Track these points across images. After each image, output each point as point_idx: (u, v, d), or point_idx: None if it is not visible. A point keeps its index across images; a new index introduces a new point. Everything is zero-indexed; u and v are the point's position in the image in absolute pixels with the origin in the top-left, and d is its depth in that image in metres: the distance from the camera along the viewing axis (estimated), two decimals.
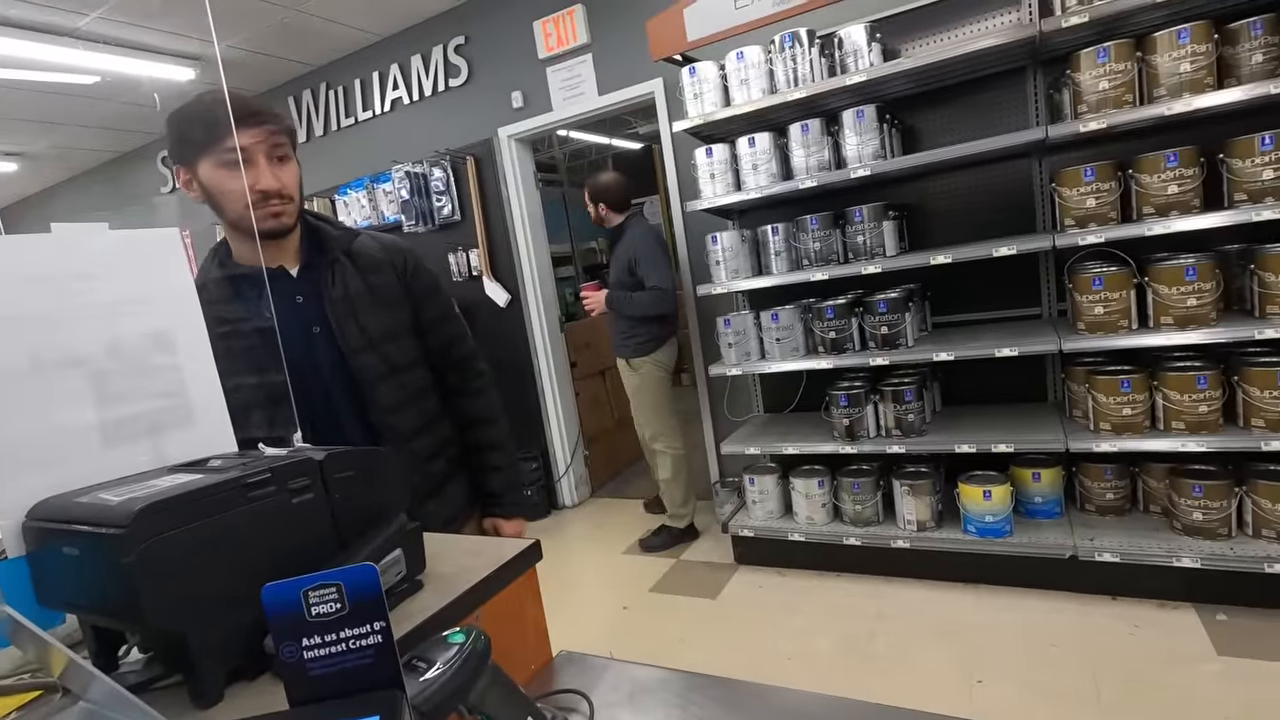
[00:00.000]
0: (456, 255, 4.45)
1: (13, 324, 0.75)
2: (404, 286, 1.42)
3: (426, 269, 1.49)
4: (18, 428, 0.74)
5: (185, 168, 1.22)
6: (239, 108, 1.16)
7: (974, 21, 2.84)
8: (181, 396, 0.89)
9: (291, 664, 0.52)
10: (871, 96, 2.86)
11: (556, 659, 1.01)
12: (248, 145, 1.18)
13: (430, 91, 4.38)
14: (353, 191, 4.71)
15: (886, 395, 2.83)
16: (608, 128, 7.17)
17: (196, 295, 0.92)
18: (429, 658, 0.61)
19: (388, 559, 0.79)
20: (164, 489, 0.67)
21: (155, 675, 0.72)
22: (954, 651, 2.37)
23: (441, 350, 1.49)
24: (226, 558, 0.68)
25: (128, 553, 0.61)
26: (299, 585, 0.51)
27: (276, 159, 1.23)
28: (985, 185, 2.96)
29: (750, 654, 2.57)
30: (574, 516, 4.40)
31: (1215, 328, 2.26)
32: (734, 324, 3.06)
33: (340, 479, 0.79)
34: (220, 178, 1.19)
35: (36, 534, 0.69)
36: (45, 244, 0.80)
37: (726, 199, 3.00)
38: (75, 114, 4.89)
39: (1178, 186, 2.30)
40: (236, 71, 4.60)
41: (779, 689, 0.90)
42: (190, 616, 0.65)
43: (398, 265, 1.42)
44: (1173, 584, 2.41)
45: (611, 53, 3.74)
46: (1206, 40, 2.22)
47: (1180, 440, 2.33)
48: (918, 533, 2.81)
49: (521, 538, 1.45)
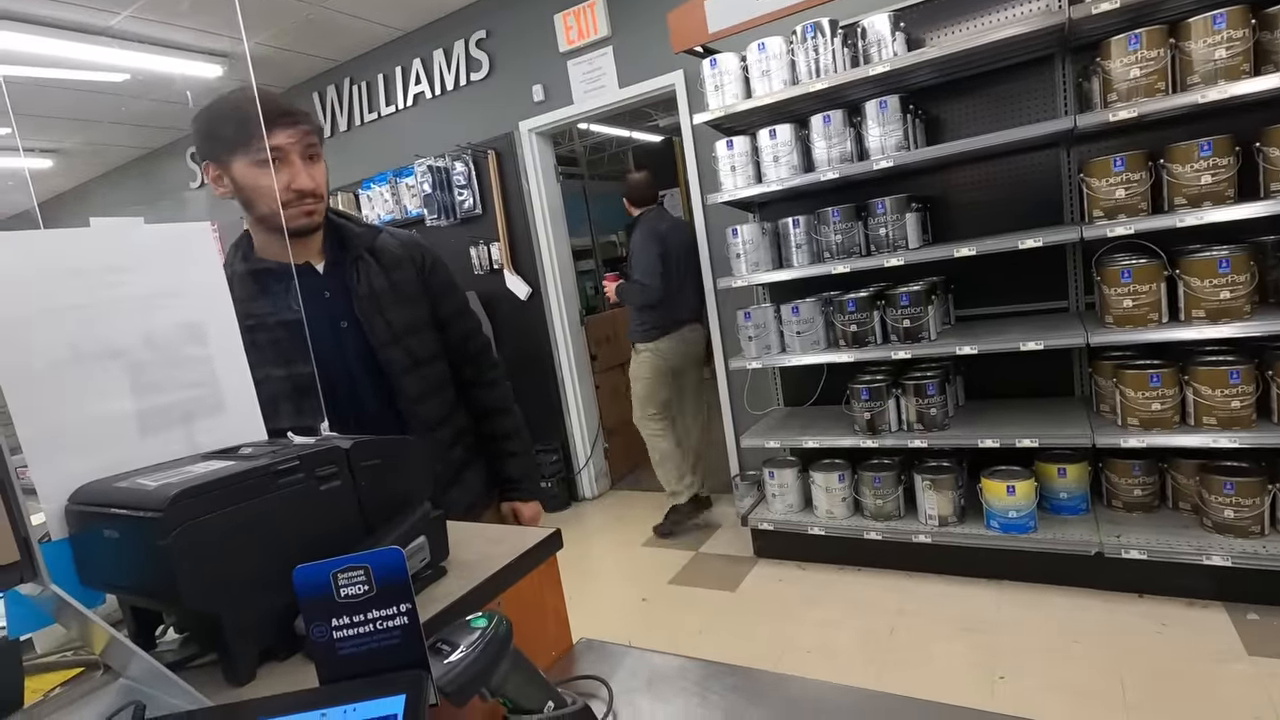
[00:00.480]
0: (478, 249, 4.49)
1: (54, 315, 0.78)
2: (423, 282, 1.45)
3: (444, 265, 1.53)
4: (60, 415, 0.76)
5: (216, 164, 1.24)
6: (272, 107, 1.19)
7: (1000, 9, 2.79)
8: (213, 386, 0.92)
9: (321, 643, 0.54)
10: (895, 87, 2.83)
11: (576, 646, 1.02)
12: (283, 145, 1.21)
13: (452, 86, 4.41)
14: (376, 186, 4.76)
15: (908, 389, 2.81)
16: (628, 120, 7.15)
17: (227, 287, 0.94)
18: (453, 641, 0.62)
19: (412, 545, 0.81)
20: (198, 475, 0.70)
21: (191, 654, 0.74)
22: (976, 647, 2.35)
23: (459, 344, 1.53)
24: (258, 542, 0.70)
25: (164, 536, 0.63)
26: (329, 567, 0.53)
27: (309, 158, 1.26)
28: (1011, 176, 2.91)
29: (769, 647, 2.58)
30: (593, 508, 4.43)
31: (1249, 321, 2.21)
32: (754, 317, 3.05)
33: (367, 467, 0.81)
34: (254, 175, 1.21)
35: (78, 517, 0.72)
36: (84, 238, 0.83)
37: (747, 191, 2.99)
38: (107, 111, 5.00)
39: (1211, 176, 2.25)
40: (263, 68, 4.67)
41: (797, 678, 0.90)
42: (224, 598, 0.67)
43: (417, 261, 1.45)
44: (1202, 582, 2.37)
45: (632, 45, 3.74)
46: (1243, 25, 2.16)
47: (1211, 436, 2.28)
48: (939, 528, 2.79)
49: (538, 520, 1.53)
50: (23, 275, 0.75)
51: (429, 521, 0.86)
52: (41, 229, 0.78)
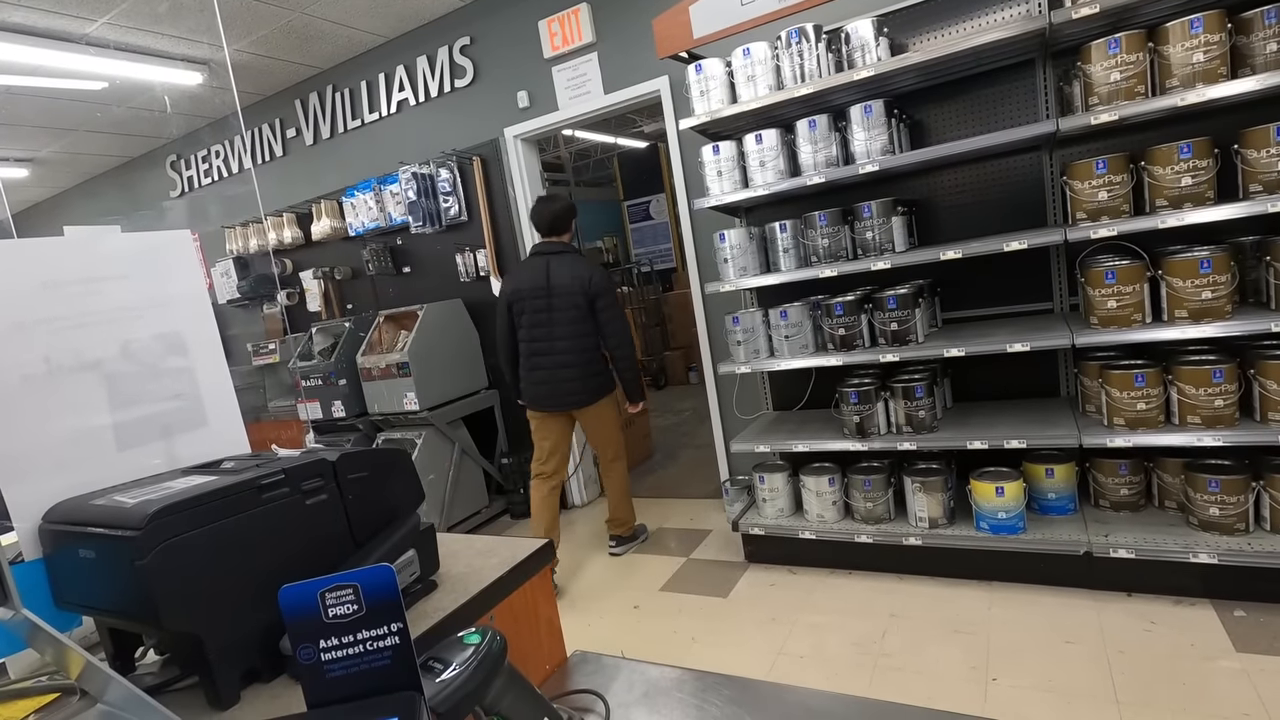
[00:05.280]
0: (464, 255, 4.46)
1: (27, 329, 0.75)
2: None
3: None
4: (34, 431, 0.74)
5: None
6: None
7: (982, 14, 2.82)
8: (193, 398, 0.89)
9: (309, 666, 0.51)
10: (879, 91, 2.84)
11: (571, 659, 1.00)
12: None
13: (436, 92, 4.38)
14: (360, 193, 4.72)
15: (897, 392, 2.82)
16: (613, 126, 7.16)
17: (207, 296, 0.92)
18: (445, 659, 0.61)
19: (402, 559, 0.79)
20: (178, 491, 0.67)
21: (172, 677, 0.72)
22: (968, 649, 2.36)
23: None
24: (241, 559, 0.68)
25: (142, 555, 0.61)
26: (316, 586, 0.51)
27: None
28: (995, 179, 2.94)
29: (763, 653, 2.57)
30: (583, 516, 4.40)
31: (1231, 321, 2.23)
32: (743, 321, 3.05)
33: (354, 479, 0.79)
34: None
35: (53, 537, 0.69)
36: (58, 248, 0.80)
37: (734, 196, 2.99)
38: (84, 119, 4.92)
39: (1191, 178, 2.28)
40: (243, 75, 4.63)
41: (794, 688, 0.89)
42: (205, 619, 0.65)
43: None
44: (1189, 580, 2.39)
45: (617, 51, 3.74)
46: (1220, 30, 2.19)
47: (1196, 435, 2.31)
48: (930, 530, 2.79)
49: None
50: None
51: (418, 534, 0.84)
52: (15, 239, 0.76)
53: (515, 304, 3.26)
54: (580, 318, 3.19)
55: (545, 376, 3.26)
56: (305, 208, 4.99)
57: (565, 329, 3.20)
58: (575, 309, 3.18)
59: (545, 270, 3.20)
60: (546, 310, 3.20)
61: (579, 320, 3.19)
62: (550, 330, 3.22)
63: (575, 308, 3.18)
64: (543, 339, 3.24)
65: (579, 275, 3.17)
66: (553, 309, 3.20)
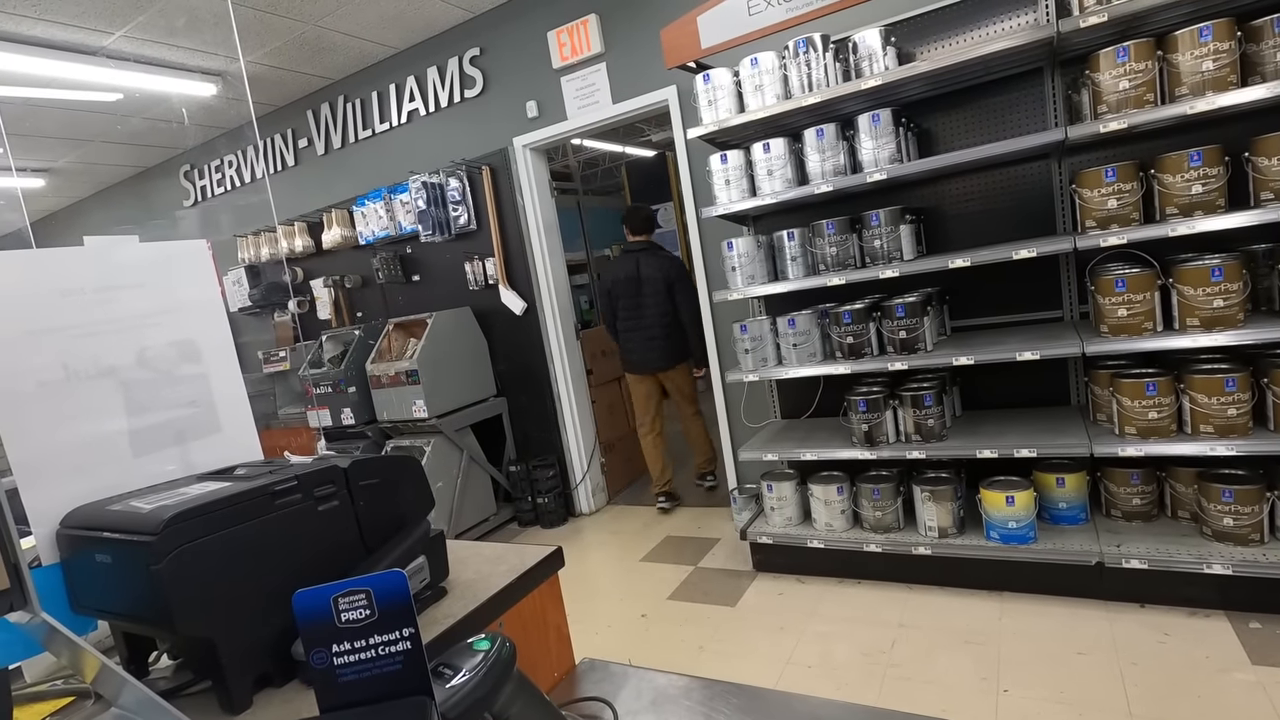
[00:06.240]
0: (473, 264, 4.48)
1: (46, 335, 0.76)
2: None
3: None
4: (51, 437, 0.75)
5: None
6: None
7: (990, 23, 2.82)
8: (207, 404, 0.91)
9: (322, 670, 0.52)
10: (887, 100, 2.85)
11: (579, 666, 1.00)
12: None
13: (446, 103, 4.43)
14: (370, 203, 4.76)
15: (906, 400, 2.81)
16: (621, 136, 7.20)
17: (221, 304, 0.93)
18: (455, 664, 0.61)
19: (413, 565, 0.80)
20: (193, 497, 0.68)
21: (185, 682, 0.73)
22: (978, 660, 2.34)
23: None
24: (254, 565, 0.68)
25: (158, 560, 0.61)
26: (329, 592, 0.51)
27: None
28: (1004, 188, 2.93)
29: (771, 662, 2.55)
30: (591, 524, 4.39)
31: (1243, 329, 2.22)
32: (750, 330, 3.05)
33: (365, 486, 0.79)
34: None
35: (70, 541, 0.70)
36: (77, 257, 0.82)
37: (742, 205, 3.00)
38: (100, 130, 5.00)
39: (1202, 186, 2.27)
40: (256, 86, 4.69)
41: (803, 696, 0.89)
42: (219, 623, 0.66)
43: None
44: (1204, 591, 2.36)
45: (625, 61, 3.77)
46: (1229, 38, 2.19)
47: (1209, 444, 2.29)
48: (939, 539, 2.77)
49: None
50: (14, 295, 0.74)
51: (428, 540, 0.84)
52: (34, 248, 0.77)
53: (613, 290, 4.12)
54: (662, 300, 3.98)
55: (637, 345, 4.11)
56: (316, 216, 5.03)
57: (652, 309, 4.01)
58: (658, 293, 3.98)
59: (636, 264, 4.03)
60: (637, 295, 4.03)
61: (661, 302, 3.99)
62: (640, 310, 4.04)
63: (658, 292, 3.98)
64: (635, 317, 4.07)
65: (662, 266, 4.00)
66: (642, 294, 4.02)
